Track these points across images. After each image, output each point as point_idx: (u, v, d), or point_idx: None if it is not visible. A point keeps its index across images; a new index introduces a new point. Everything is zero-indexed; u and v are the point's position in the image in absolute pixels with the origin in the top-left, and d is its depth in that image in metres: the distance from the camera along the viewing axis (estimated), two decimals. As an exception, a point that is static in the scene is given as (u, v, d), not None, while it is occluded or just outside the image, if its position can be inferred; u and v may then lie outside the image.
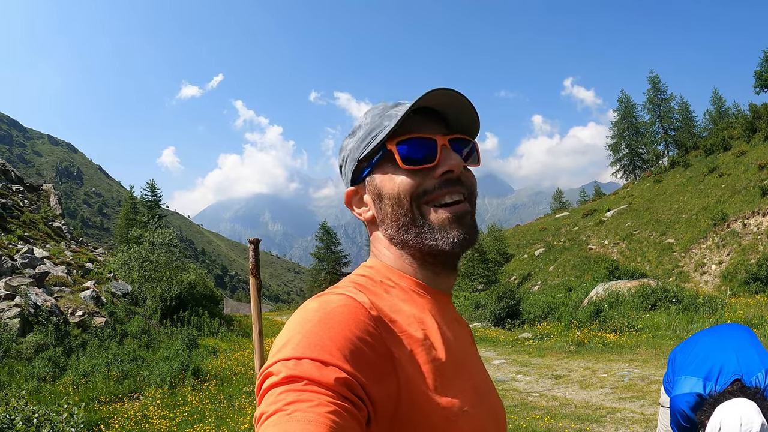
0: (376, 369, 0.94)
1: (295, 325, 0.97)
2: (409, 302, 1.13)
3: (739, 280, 22.20)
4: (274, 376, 0.87)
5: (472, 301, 30.81)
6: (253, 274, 3.68)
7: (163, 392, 12.20)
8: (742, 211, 28.38)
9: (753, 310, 16.66)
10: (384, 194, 1.18)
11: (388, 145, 1.16)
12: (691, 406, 2.99)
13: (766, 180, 30.77)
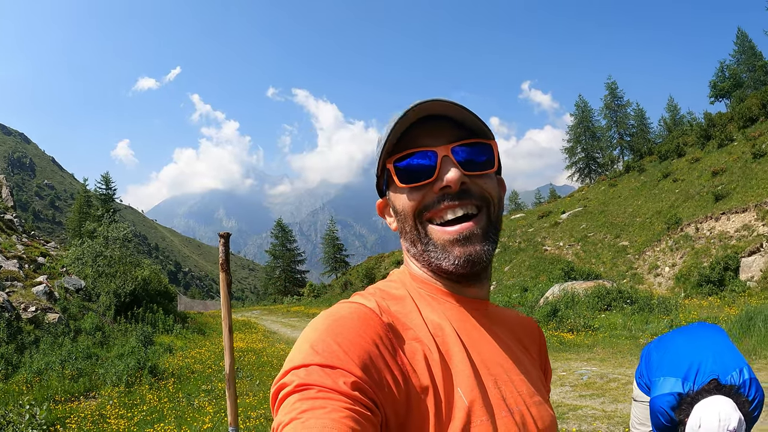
0: (388, 374, 0.94)
1: (305, 334, 0.98)
2: (428, 309, 1.12)
3: (692, 282, 22.50)
4: (287, 386, 0.88)
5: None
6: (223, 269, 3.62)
7: (120, 391, 11.78)
8: (695, 216, 28.85)
9: (706, 312, 16.94)
10: (396, 209, 1.18)
11: (387, 164, 1.15)
12: (671, 406, 3.04)
13: (719, 186, 31.31)
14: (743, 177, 30.99)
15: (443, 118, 1.15)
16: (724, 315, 15.72)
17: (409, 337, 1.03)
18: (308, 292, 57.75)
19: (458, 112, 1.13)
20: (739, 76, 59.77)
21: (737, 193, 28.45)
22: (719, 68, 61.84)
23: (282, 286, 68.82)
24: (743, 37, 60.85)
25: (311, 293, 56.88)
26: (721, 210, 26.97)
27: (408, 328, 1.04)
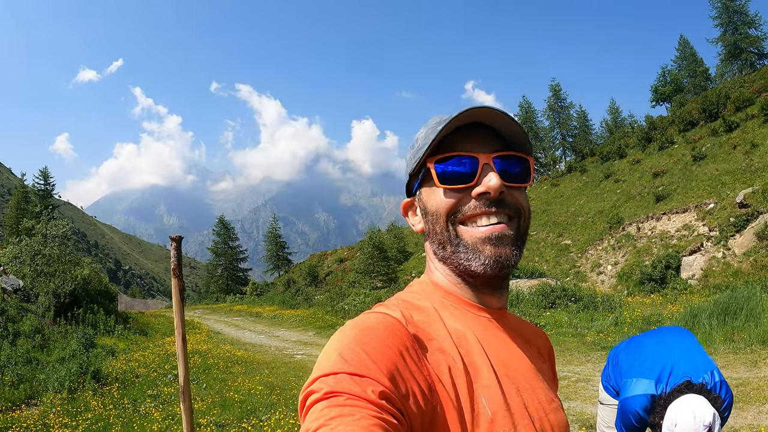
0: (414, 383, 0.94)
1: (333, 343, 1.00)
2: (451, 319, 1.13)
3: (634, 280, 22.77)
4: (315, 393, 0.89)
5: (372, 299, 30.73)
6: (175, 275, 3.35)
7: (63, 398, 11.12)
8: (636, 216, 29.23)
9: (649, 309, 17.06)
10: (427, 210, 1.20)
11: (428, 162, 1.17)
12: (644, 407, 3.13)
13: (660, 187, 31.79)
14: (683, 179, 31.52)
15: (485, 126, 1.18)
16: (667, 312, 15.84)
17: (433, 347, 1.04)
18: (251, 291, 57.01)
19: (505, 123, 1.16)
20: (680, 81, 61.22)
21: (678, 194, 28.88)
22: (661, 73, 63.25)
23: (224, 285, 67.91)
24: (685, 44, 62.36)
25: (254, 292, 56.18)
26: (662, 210, 27.40)
27: (432, 339, 1.06)
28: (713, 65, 60.84)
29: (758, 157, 28.43)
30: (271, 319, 32.19)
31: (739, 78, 50.15)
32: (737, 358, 10.40)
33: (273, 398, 10.99)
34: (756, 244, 19.60)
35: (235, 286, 66.59)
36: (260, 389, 11.89)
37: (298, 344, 20.32)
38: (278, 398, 11.03)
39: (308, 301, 39.14)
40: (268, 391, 11.67)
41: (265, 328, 27.15)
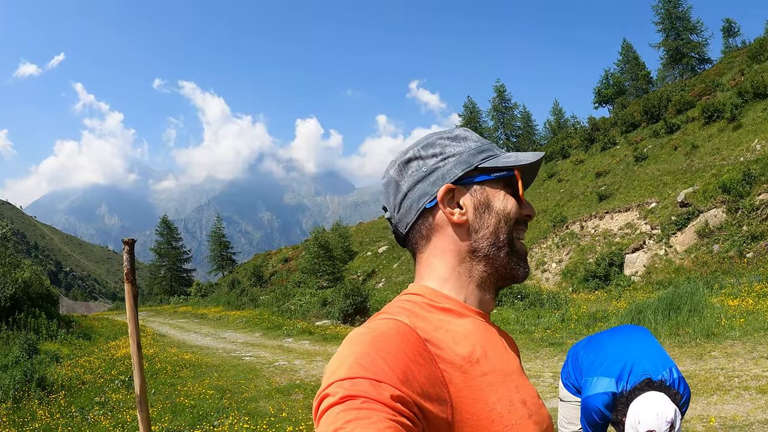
0: (428, 388, 0.95)
1: (347, 349, 0.99)
2: (456, 322, 1.14)
3: (579, 277, 22.99)
4: (331, 397, 0.88)
5: (319, 298, 30.47)
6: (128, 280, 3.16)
7: (7, 407, 10.51)
8: (580, 215, 29.56)
9: (594, 305, 17.22)
10: (493, 207, 1.21)
11: (516, 171, 1.22)
12: (606, 405, 3.20)
13: (603, 187, 32.23)
14: (626, 178, 32.03)
15: None
16: (612, 308, 15.97)
17: (443, 351, 1.05)
18: (195, 292, 56.32)
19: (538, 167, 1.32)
20: (623, 84, 62.44)
21: (620, 194, 29.29)
22: (604, 76, 64.44)
23: (168, 286, 67.10)
24: (628, 48, 63.64)
25: (198, 293, 55.49)
26: (605, 209, 27.75)
27: (440, 343, 1.06)
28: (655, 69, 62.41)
29: (698, 158, 29.05)
30: (216, 321, 31.72)
31: (680, 82, 51.34)
32: (683, 352, 10.53)
33: (224, 402, 10.67)
34: (697, 242, 19.98)
35: (179, 287, 65.90)
36: (211, 393, 11.58)
37: (246, 346, 20.02)
38: (230, 402, 10.73)
39: (254, 302, 38.75)
40: (219, 395, 11.36)
41: (211, 330, 26.65)
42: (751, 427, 6.48)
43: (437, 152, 1.24)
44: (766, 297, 13.01)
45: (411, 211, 1.23)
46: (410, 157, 1.26)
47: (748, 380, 8.20)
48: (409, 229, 1.25)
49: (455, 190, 1.21)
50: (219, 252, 68.41)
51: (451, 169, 1.21)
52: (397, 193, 1.25)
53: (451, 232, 1.21)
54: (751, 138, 27.07)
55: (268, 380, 13.06)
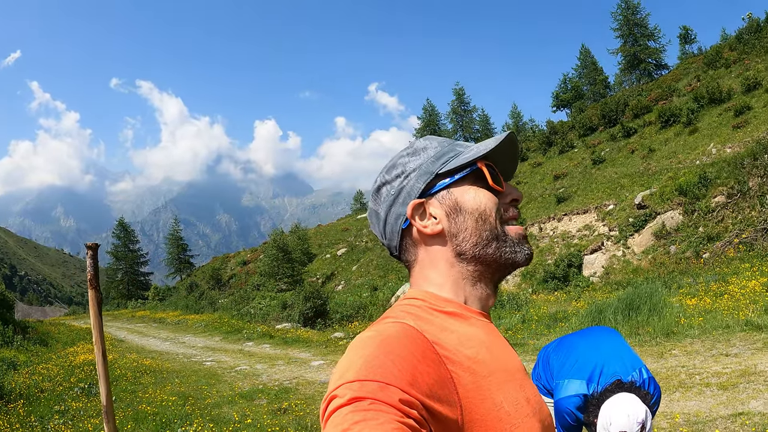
0: (438, 390, 0.95)
1: (355, 351, 0.99)
2: (459, 324, 1.13)
3: (538, 278, 23.11)
4: (339, 399, 0.88)
5: (278, 302, 30.32)
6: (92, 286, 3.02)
7: None
8: (538, 217, 29.74)
9: (554, 306, 17.35)
10: (465, 209, 1.20)
11: (479, 163, 1.21)
12: (577, 406, 3.21)
13: (561, 189, 32.53)
14: (584, 181, 32.37)
15: None
16: (572, 309, 16.11)
17: (449, 353, 1.03)
18: (153, 296, 55.63)
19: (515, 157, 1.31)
20: (581, 88, 63.14)
21: (578, 196, 29.56)
22: (562, 80, 65.32)
23: (125, 290, 66.11)
24: (586, 53, 64.44)
25: (156, 296, 54.82)
26: (564, 211, 27.97)
27: (447, 343, 1.05)
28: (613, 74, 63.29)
29: (655, 161, 29.47)
30: (175, 325, 31.33)
31: (637, 87, 52.05)
32: (643, 351, 10.62)
33: (187, 409, 10.47)
34: (654, 243, 20.22)
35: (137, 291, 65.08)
36: (173, 399, 11.34)
37: (206, 350, 19.79)
38: (193, 408, 10.54)
39: (213, 306, 38.46)
40: (182, 402, 11.15)
41: (170, 335, 26.29)
42: (715, 422, 6.54)
43: (399, 172, 1.25)
44: (723, 296, 13.19)
45: (394, 234, 1.25)
46: (379, 184, 1.29)
47: (709, 377, 8.29)
48: (399, 251, 1.26)
49: (424, 203, 1.22)
50: (177, 255, 67.78)
51: (414, 185, 1.23)
52: (378, 222, 1.28)
53: (431, 244, 1.22)
54: (706, 142, 27.53)
55: (231, 385, 12.93)
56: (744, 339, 10.07)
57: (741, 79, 32.03)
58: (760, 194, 17.76)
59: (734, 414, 6.67)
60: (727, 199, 18.89)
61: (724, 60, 39.10)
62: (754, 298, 12.29)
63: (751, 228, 17.10)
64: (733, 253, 16.65)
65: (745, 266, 15.17)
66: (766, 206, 17.23)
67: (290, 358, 16.43)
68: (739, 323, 10.88)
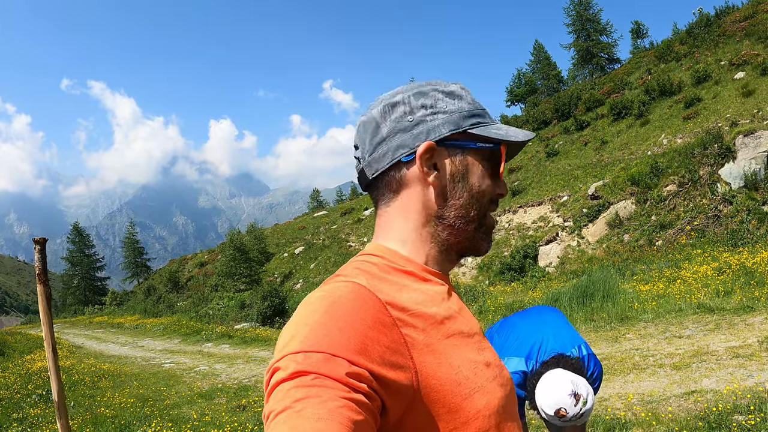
0: (390, 356, 0.92)
1: (302, 317, 0.94)
2: (418, 283, 1.09)
3: (495, 270, 23.22)
4: (281, 371, 0.84)
5: (237, 301, 30.25)
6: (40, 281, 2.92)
7: None
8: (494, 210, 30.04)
9: (511, 297, 17.44)
10: (469, 180, 1.15)
11: (503, 146, 1.16)
12: (518, 383, 3.21)
13: (516, 182, 32.69)
14: (538, 174, 32.61)
15: None
16: (528, 298, 16.20)
17: (403, 315, 0.99)
18: (110, 301, 55.12)
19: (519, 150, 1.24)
20: (534, 83, 63.56)
21: (533, 188, 29.80)
22: (516, 75, 65.66)
23: (82, 296, 65.34)
24: (540, 48, 64.92)
25: (114, 301, 54.33)
26: (519, 204, 28.17)
27: (403, 304, 1.01)
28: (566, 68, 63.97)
29: (608, 152, 29.80)
30: (134, 329, 31.02)
31: (590, 81, 52.61)
32: (598, 336, 10.73)
33: (146, 410, 10.35)
34: (608, 232, 20.45)
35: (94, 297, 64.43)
36: (132, 402, 11.22)
37: (165, 353, 19.60)
38: (152, 410, 10.42)
39: (171, 308, 38.24)
40: (141, 404, 11.04)
41: (128, 339, 26.04)
42: (668, 401, 6.62)
43: (428, 104, 1.15)
44: (676, 281, 13.40)
45: (385, 158, 1.14)
46: (398, 101, 1.16)
47: (663, 358, 8.39)
48: (377, 176, 1.17)
49: (436, 150, 1.13)
50: (133, 259, 67.12)
51: (438, 126, 1.13)
52: (375, 135, 1.15)
53: (421, 192, 1.14)
54: (658, 133, 27.92)
55: (190, 386, 12.85)
56: (696, 321, 10.21)
57: (691, 71, 32.53)
58: (710, 182, 18.05)
59: (687, 392, 6.76)
60: (679, 187, 19.16)
61: (675, 54, 39.66)
62: (706, 282, 12.51)
63: (702, 215, 17.39)
64: (685, 239, 16.90)
65: (697, 252, 15.43)
66: (717, 194, 17.53)
67: (249, 357, 16.38)
68: (691, 306, 11.05)
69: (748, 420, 5.41)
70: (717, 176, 18.00)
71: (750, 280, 11.67)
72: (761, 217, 15.61)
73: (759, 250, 13.75)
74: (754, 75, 26.76)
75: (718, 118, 24.13)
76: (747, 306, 10.25)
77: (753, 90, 24.79)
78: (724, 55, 32.72)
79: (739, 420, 5.48)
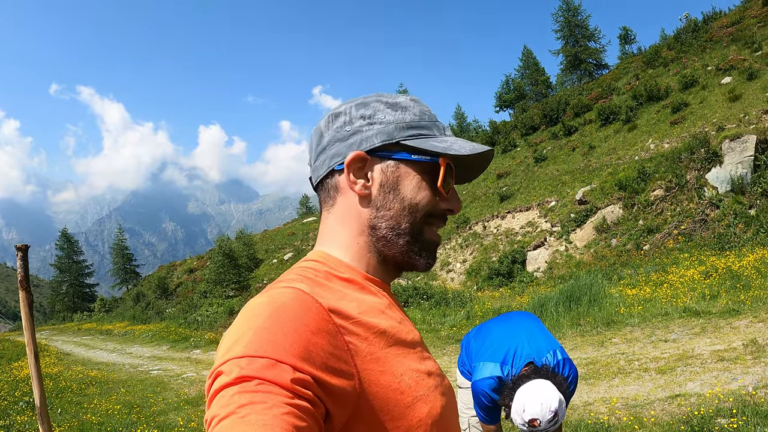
0: (333, 363, 0.91)
1: (245, 321, 0.92)
2: (359, 292, 1.09)
3: (483, 275, 23.23)
4: (224, 376, 0.82)
5: (225, 308, 30.12)
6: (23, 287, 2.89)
7: None
8: (482, 215, 29.93)
9: (499, 302, 17.42)
10: (400, 191, 1.14)
11: (442, 159, 1.14)
12: (493, 388, 3.29)
13: (504, 187, 32.72)
14: (526, 179, 32.65)
15: None
16: (516, 303, 16.22)
17: (346, 323, 0.99)
18: (99, 307, 54.68)
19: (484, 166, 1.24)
20: (523, 88, 63.68)
21: (521, 194, 29.83)
22: (505, 81, 65.93)
23: (71, 303, 64.94)
24: (528, 54, 65.11)
25: (102, 308, 53.89)
26: (507, 209, 28.18)
27: (346, 312, 1.00)
28: (554, 74, 64.14)
29: (595, 158, 29.86)
30: (122, 336, 30.91)
31: (578, 86, 52.78)
32: (585, 340, 10.74)
33: (133, 417, 10.31)
34: (595, 237, 20.48)
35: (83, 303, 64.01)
36: (119, 409, 11.18)
37: (153, 360, 19.53)
38: (138, 417, 10.38)
39: (160, 315, 38.08)
40: (128, 410, 10.98)
41: (117, 346, 25.93)
42: (653, 404, 6.64)
43: (367, 114, 1.16)
44: (662, 285, 13.42)
45: (323, 165, 1.17)
46: (341, 111, 1.18)
47: (648, 362, 8.39)
48: (318, 183, 1.20)
49: (368, 160, 1.14)
50: (122, 265, 66.73)
51: (370, 137, 1.14)
52: (318, 144, 1.19)
53: (353, 200, 1.16)
54: (645, 138, 27.99)
55: (177, 392, 12.82)
56: (682, 325, 10.23)
57: (678, 77, 32.63)
58: (697, 187, 18.09)
59: (671, 396, 6.77)
60: (666, 192, 19.20)
61: (663, 59, 39.82)
62: (692, 286, 12.53)
63: (689, 219, 17.41)
64: (672, 244, 16.93)
65: (684, 256, 15.46)
66: (704, 198, 17.57)
67: (237, 364, 16.28)
68: (677, 310, 11.08)
69: (730, 423, 5.40)
70: (704, 180, 18.04)
71: (736, 284, 11.71)
72: (748, 220, 15.65)
73: (745, 254, 13.78)
74: (741, 80, 26.86)
75: (705, 122, 24.20)
76: (733, 309, 10.27)
77: (739, 95, 24.87)
78: (711, 61, 32.86)
79: (722, 423, 5.47)
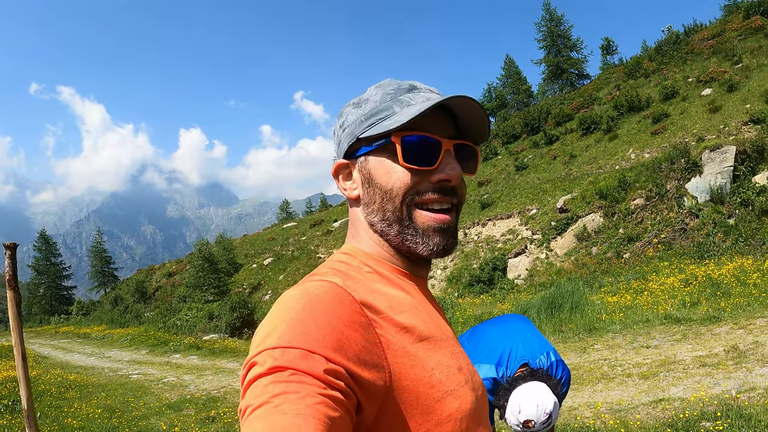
0: (365, 355, 0.92)
1: (279, 313, 0.94)
2: (389, 287, 1.10)
3: (464, 282, 23.25)
4: (258, 367, 0.84)
5: (205, 313, 29.96)
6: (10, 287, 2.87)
7: None
8: (463, 222, 29.86)
9: (480, 309, 17.47)
10: (375, 182, 1.14)
11: (393, 137, 1.11)
12: (488, 389, 3.26)
13: (485, 195, 32.80)
14: (507, 187, 32.75)
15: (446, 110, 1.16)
16: (497, 310, 16.29)
17: (378, 316, 1.00)
18: (77, 311, 54.39)
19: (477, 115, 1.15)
20: (505, 97, 63.88)
21: (502, 202, 29.90)
22: (487, 89, 66.17)
23: (48, 305, 64.41)
24: (510, 63, 65.31)
25: (80, 311, 53.57)
26: (488, 216, 28.24)
27: (378, 306, 1.02)
28: (536, 83, 64.44)
29: (576, 166, 30.02)
30: (100, 340, 30.71)
31: (559, 96, 53.02)
32: (567, 346, 10.80)
33: (114, 422, 10.24)
34: (576, 245, 20.57)
35: (60, 306, 63.55)
36: (99, 413, 11.09)
37: (132, 364, 19.39)
38: (120, 421, 10.30)
39: (138, 319, 37.88)
40: (108, 414, 10.90)
41: (95, 350, 25.78)
42: (637, 409, 6.70)
43: (342, 122, 1.21)
44: (643, 293, 13.54)
45: None
46: (333, 129, 1.24)
47: (631, 368, 8.45)
48: None
49: (350, 164, 1.19)
50: (100, 268, 66.17)
51: (343, 142, 1.20)
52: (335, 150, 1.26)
53: (353, 205, 1.21)
54: (626, 148, 28.18)
55: (158, 397, 12.73)
56: (663, 331, 10.31)
57: (659, 88, 32.88)
58: (677, 196, 18.25)
59: (655, 401, 6.83)
60: (646, 201, 19.35)
61: (644, 70, 40.10)
62: (673, 293, 12.65)
63: (669, 228, 17.55)
64: (652, 252, 17.05)
65: (664, 264, 15.59)
66: (683, 207, 17.73)
67: (218, 368, 16.28)
68: (658, 317, 11.17)
69: (715, 426, 5.46)
70: (684, 190, 18.20)
71: (716, 291, 11.84)
72: (727, 230, 15.80)
73: (725, 262, 13.92)
74: (721, 92, 27.13)
75: (685, 133, 24.40)
76: (713, 316, 10.38)
77: (719, 106, 25.10)
78: (692, 72, 33.17)
79: (707, 426, 5.54)
